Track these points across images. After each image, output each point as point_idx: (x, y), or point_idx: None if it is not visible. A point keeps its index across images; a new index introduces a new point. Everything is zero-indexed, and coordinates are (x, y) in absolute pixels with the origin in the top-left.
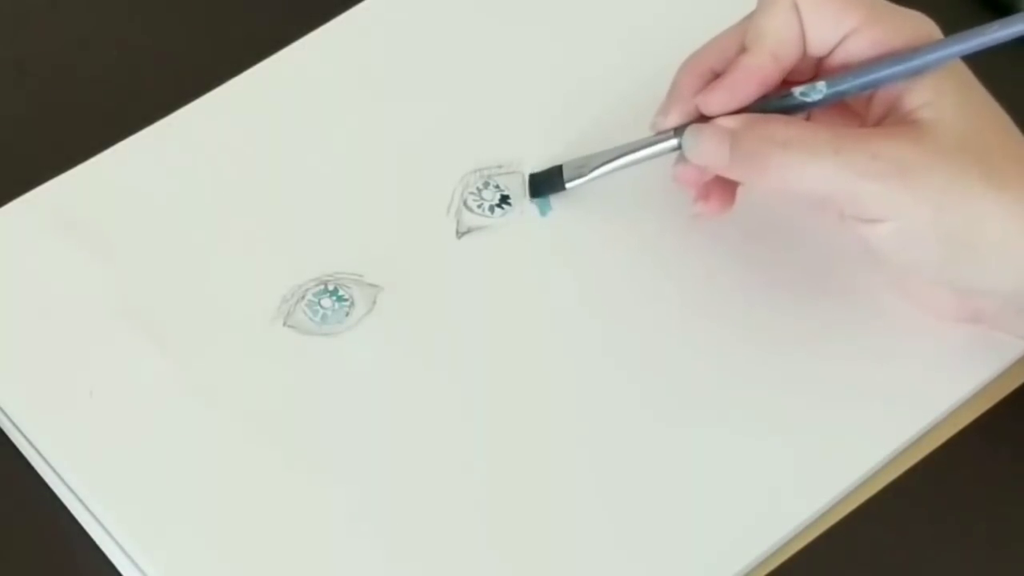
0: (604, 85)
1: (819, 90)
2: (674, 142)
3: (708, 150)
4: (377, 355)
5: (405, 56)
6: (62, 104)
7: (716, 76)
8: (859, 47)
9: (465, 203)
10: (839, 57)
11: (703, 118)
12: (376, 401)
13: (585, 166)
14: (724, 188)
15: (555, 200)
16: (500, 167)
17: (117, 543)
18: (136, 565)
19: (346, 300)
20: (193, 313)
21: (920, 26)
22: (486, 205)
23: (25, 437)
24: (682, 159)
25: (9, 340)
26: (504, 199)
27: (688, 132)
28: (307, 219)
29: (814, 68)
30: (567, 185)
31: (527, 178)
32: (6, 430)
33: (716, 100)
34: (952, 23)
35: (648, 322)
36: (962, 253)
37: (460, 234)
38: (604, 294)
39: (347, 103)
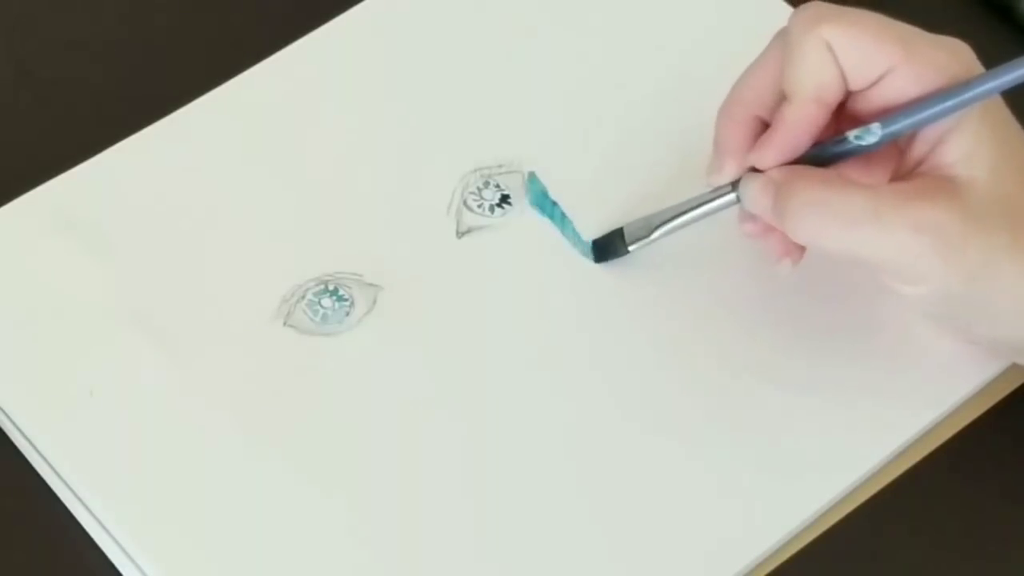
0: (604, 84)
1: (874, 133)
2: (733, 196)
3: (755, 203)
4: (377, 355)
5: (405, 56)
6: (62, 104)
7: (758, 121)
8: (900, 85)
9: (465, 203)
10: (880, 95)
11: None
12: (376, 401)
13: (646, 227)
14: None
15: (557, 198)
16: (500, 167)
17: (117, 543)
18: (136, 565)
19: (346, 300)
20: (193, 313)
21: (959, 53)
22: (486, 205)
23: (25, 437)
24: (745, 212)
25: (9, 340)
26: (504, 199)
27: (742, 183)
28: (307, 219)
29: (856, 99)
30: (630, 248)
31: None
32: (6, 430)
33: (768, 157)
34: (953, 23)
35: (648, 322)
36: (989, 313)
37: (460, 234)
38: (604, 294)
39: (347, 103)
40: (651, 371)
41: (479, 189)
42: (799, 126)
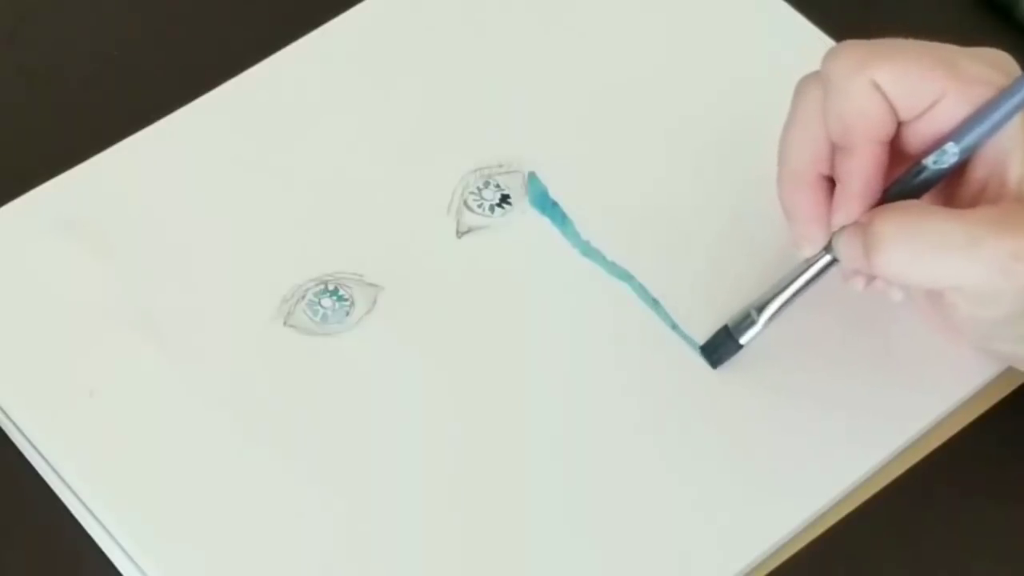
0: (604, 83)
1: (950, 152)
2: (828, 258)
3: (850, 252)
4: (377, 355)
5: (405, 56)
6: (62, 104)
7: (821, 177)
8: (953, 109)
9: (465, 203)
10: (933, 122)
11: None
12: (376, 401)
13: (752, 317)
14: None
15: (556, 197)
16: (500, 167)
17: (117, 543)
18: (136, 565)
19: (346, 300)
20: (193, 313)
21: (1001, 63)
22: (486, 205)
23: (25, 437)
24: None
25: (9, 340)
26: (504, 199)
27: (836, 244)
28: (307, 219)
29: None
30: (741, 341)
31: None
32: (6, 430)
33: (852, 213)
34: (953, 23)
35: (647, 322)
36: None
37: (460, 234)
38: (604, 294)
39: (347, 103)
40: (650, 371)
41: (479, 189)
42: (868, 172)
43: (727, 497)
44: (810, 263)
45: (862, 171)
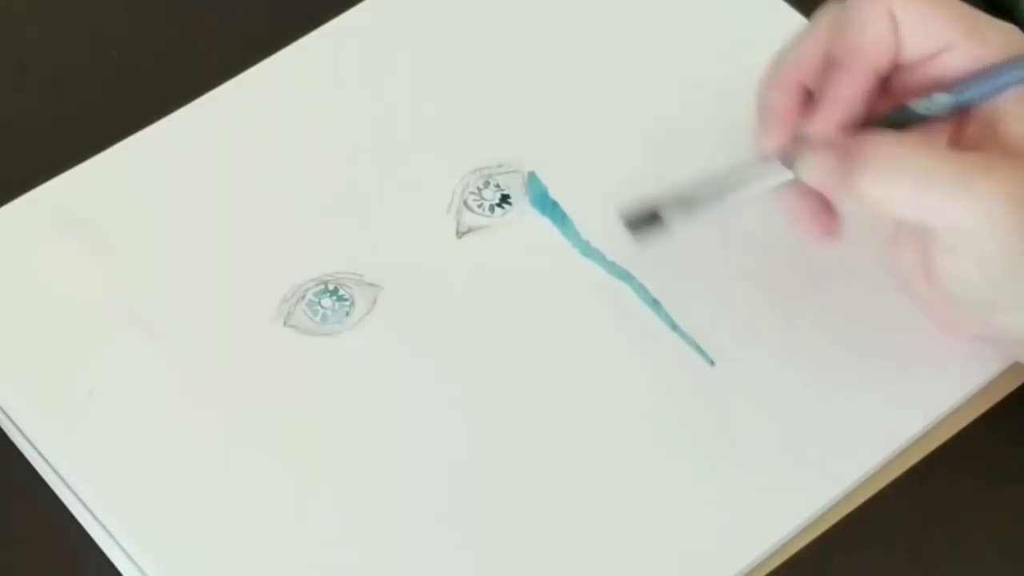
0: (604, 84)
1: (941, 104)
2: (788, 174)
3: (820, 166)
4: (377, 355)
5: (405, 56)
6: (62, 104)
7: (807, 91)
8: (957, 62)
9: (465, 203)
10: (933, 70)
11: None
12: (376, 401)
13: (686, 204)
14: (830, 212)
15: (556, 197)
16: (500, 167)
17: (117, 543)
18: (136, 565)
19: (346, 300)
20: (193, 313)
21: (1013, 34)
22: (486, 205)
23: (26, 437)
24: (797, 194)
25: (9, 340)
26: (504, 199)
27: (806, 156)
28: (307, 219)
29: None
30: (668, 225)
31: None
32: (6, 430)
33: (828, 124)
34: None
35: (648, 322)
36: (1017, 299)
37: (460, 234)
38: (604, 294)
39: (347, 103)
40: (650, 371)
41: (479, 189)
42: (856, 94)
43: (727, 497)
44: (761, 170)
45: (851, 91)
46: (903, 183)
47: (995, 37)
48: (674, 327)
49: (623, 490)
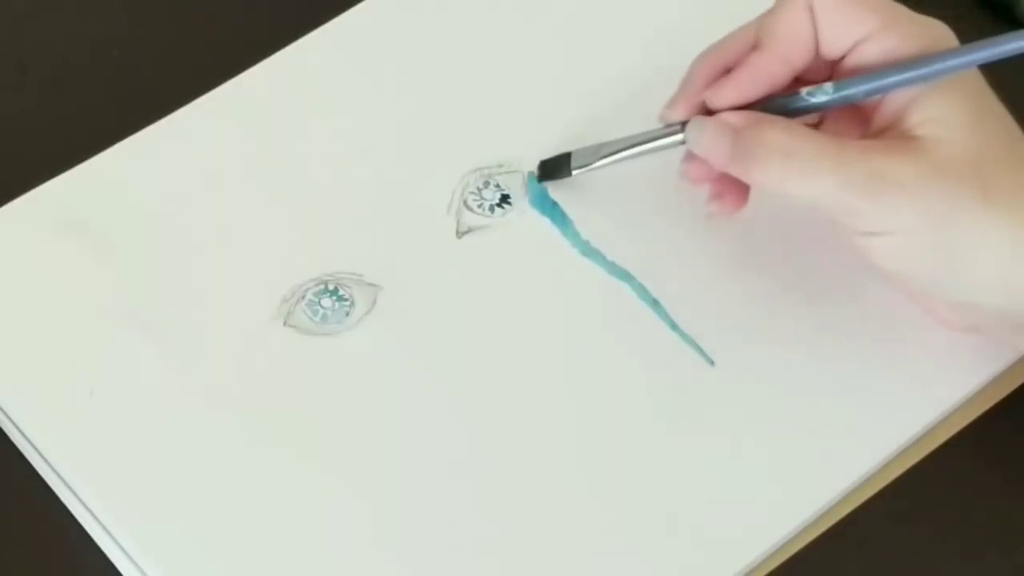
0: (605, 83)
1: (826, 92)
2: (681, 136)
3: (709, 143)
4: (377, 355)
5: (405, 56)
6: (62, 104)
7: (728, 72)
8: (872, 53)
9: (465, 203)
10: (852, 61)
11: (711, 112)
12: (376, 401)
13: (593, 155)
14: (736, 187)
15: (556, 196)
16: (500, 166)
17: (117, 543)
18: (136, 565)
19: (346, 300)
20: (193, 313)
21: (936, 34)
22: (486, 205)
23: (25, 437)
24: (690, 155)
25: (9, 340)
26: (504, 199)
27: (692, 123)
28: (307, 219)
29: (829, 69)
30: (573, 172)
31: (534, 169)
32: (6, 430)
33: (723, 96)
34: (952, 23)
35: (648, 322)
36: (952, 269)
37: (460, 234)
38: (604, 294)
39: (347, 103)
40: (650, 371)
41: (479, 189)
42: (759, 71)
43: (728, 496)
44: (664, 133)
45: (754, 68)
46: (788, 169)
47: (916, 31)
48: (674, 327)
49: (623, 490)
